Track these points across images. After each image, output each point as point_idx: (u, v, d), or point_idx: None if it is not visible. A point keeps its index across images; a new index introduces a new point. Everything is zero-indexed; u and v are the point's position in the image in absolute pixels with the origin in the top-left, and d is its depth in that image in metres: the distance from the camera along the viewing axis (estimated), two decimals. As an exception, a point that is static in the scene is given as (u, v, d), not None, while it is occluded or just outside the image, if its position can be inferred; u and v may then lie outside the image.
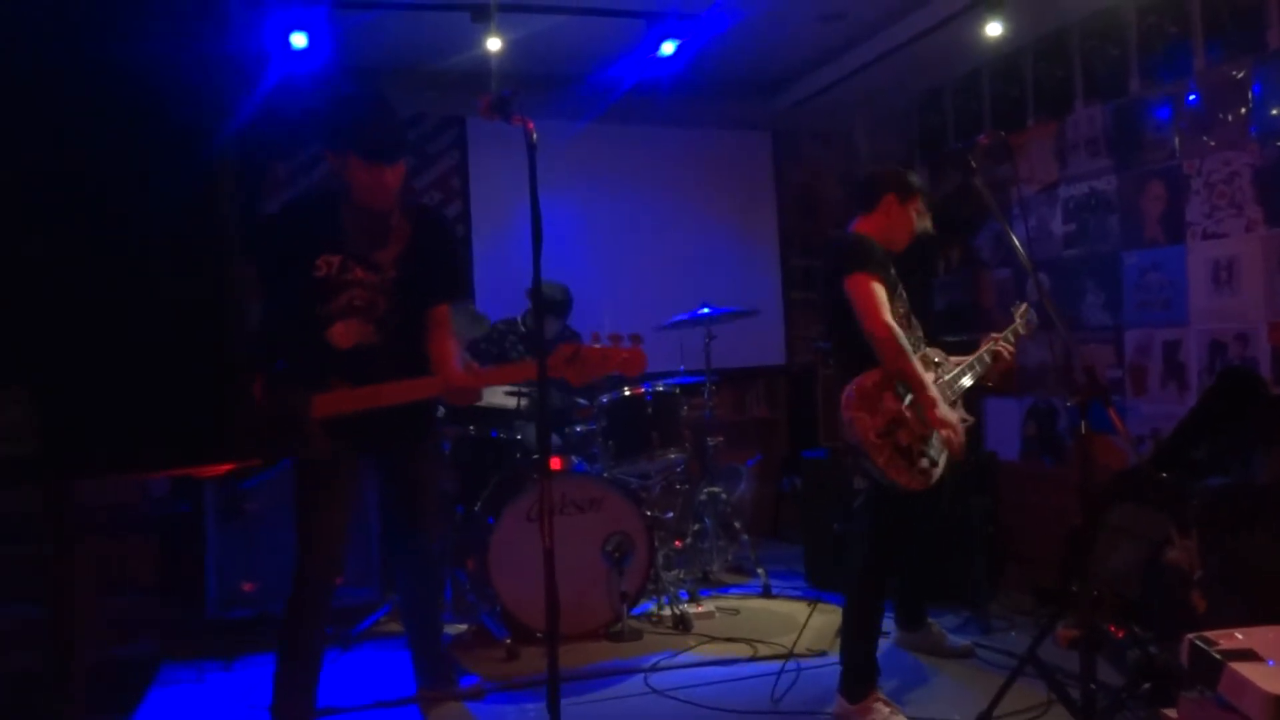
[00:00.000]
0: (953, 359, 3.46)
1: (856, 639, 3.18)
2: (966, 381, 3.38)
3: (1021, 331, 3.71)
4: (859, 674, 3.15)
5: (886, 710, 3.09)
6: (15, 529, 3.24)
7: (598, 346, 2.78)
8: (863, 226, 3.38)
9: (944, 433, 3.10)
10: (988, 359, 3.47)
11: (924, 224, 3.46)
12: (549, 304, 4.76)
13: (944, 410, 3.11)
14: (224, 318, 1.38)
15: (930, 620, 3.85)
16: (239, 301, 1.43)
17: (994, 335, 3.58)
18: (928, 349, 3.36)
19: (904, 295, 3.33)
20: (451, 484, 4.52)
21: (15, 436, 1.21)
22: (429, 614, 3.33)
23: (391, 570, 4.30)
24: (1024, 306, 3.78)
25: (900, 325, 3.25)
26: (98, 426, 1.27)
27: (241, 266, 1.46)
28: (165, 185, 1.34)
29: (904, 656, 3.78)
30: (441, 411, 4.45)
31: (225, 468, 1.31)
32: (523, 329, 4.97)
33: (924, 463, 3.11)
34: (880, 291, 3.12)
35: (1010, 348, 3.56)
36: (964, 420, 3.26)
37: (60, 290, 1.29)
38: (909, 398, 3.11)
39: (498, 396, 4.50)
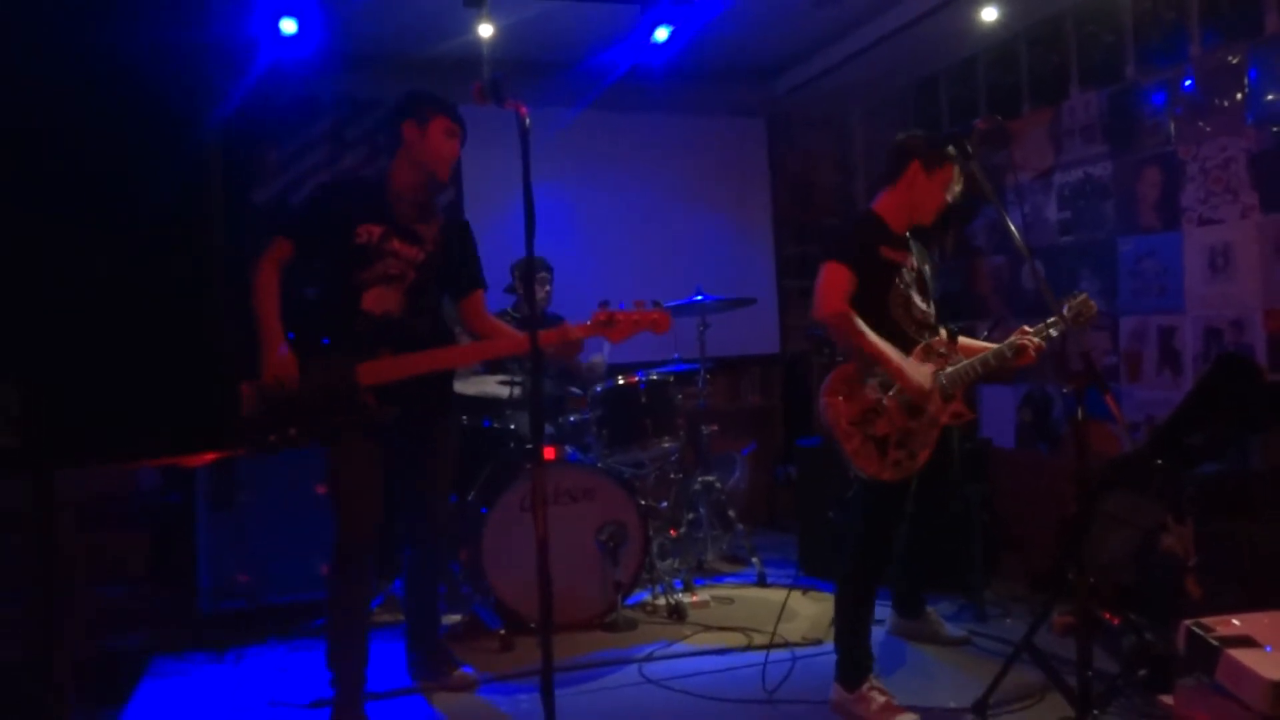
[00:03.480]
0: (965, 342, 3.39)
1: (850, 628, 3.18)
2: (991, 362, 3.24)
3: (1064, 327, 3.26)
4: (854, 662, 3.14)
5: (882, 698, 3.08)
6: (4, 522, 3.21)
7: (628, 309, 3.09)
8: (882, 203, 3.32)
9: (920, 401, 3.08)
10: (1009, 353, 3.29)
11: (955, 191, 3.36)
12: (538, 264, 4.84)
13: (915, 377, 3.08)
14: (210, 306, 1.35)
15: (928, 608, 3.84)
16: (225, 290, 1.41)
17: (1025, 328, 3.36)
18: (935, 337, 3.29)
19: (911, 278, 3.27)
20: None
21: (-4, 427, 1.19)
22: (430, 601, 3.43)
23: (387, 560, 4.30)
24: (1082, 296, 3.37)
25: (897, 310, 3.21)
26: (80, 416, 1.25)
27: (228, 254, 1.43)
28: (151, 174, 1.32)
29: (900, 644, 3.78)
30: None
31: (210, 457, 1.29)
32: (515, 315, 4.95)
33: (898, 455, 3.08)
34: (842, 279, 3.09)
35: (1039, 343, 3.31)
36: (960, 416, 3.22)
37: (45, 279, 1.27)
38: (893, 389, 3.09)
39: (490, 385, 4.47)
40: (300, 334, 3.03)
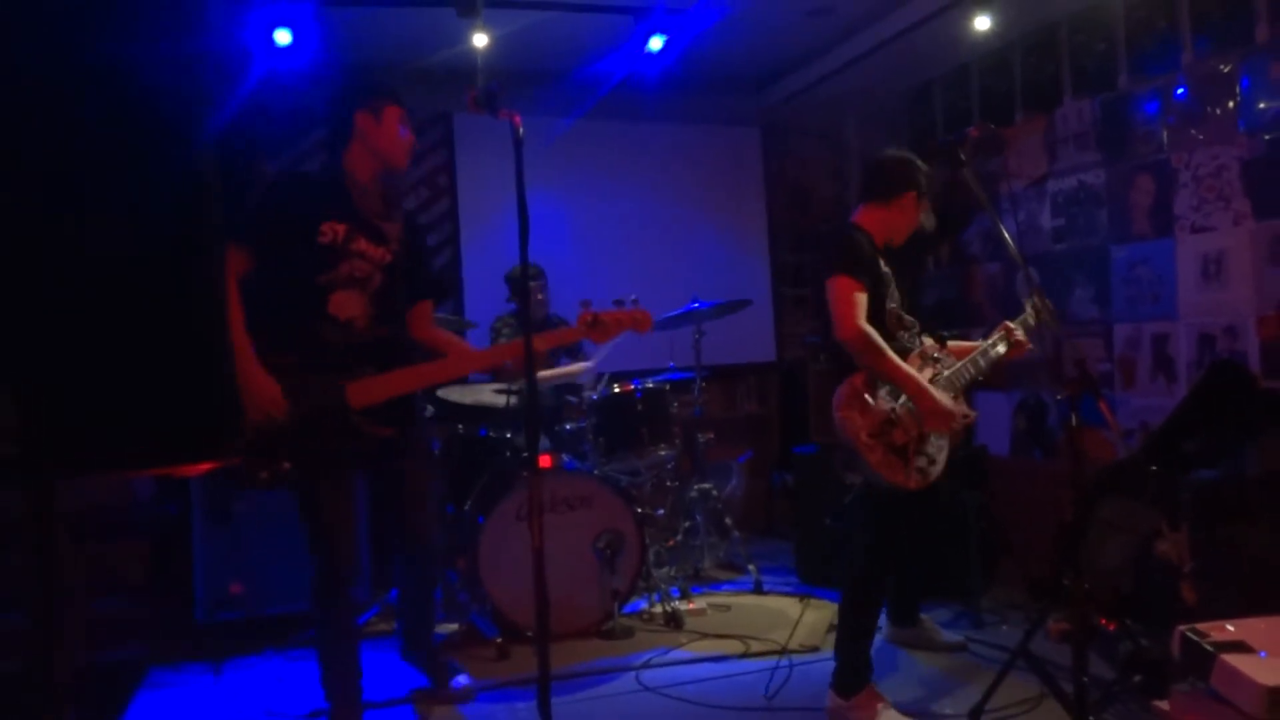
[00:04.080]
0: (955, 344, 3.39)
1: (852, 637, 3.16)
2: (980, 362, 3.27)
3: (1031, 322, 3.42)
4: (853, 670, 3.14)
5: (879, 705, 3.08)
6: (5, 535, 3.21)
7: (611, 310, 3.04)
8: (866, 217, 3.27)
9: (941, 426, 3.06)
10: (992, 351, 3.31)
11: (928, 220, 3.38)
12: (533, 272, 4.85)
13: (939, 400, 3.05)
14: (208, 315, 1.36)
15: (923, 616, 3.85)
16: (223, 299, 1.41)
17: (1008, 323, 3.40)
18: (926, 343, 3.27)
19: (897, 291, 3.26)
20: (441, 483, 4.50)
21: (-7, 437, 1.19)
22: (424, 612, 3.36)
23: (382, 571, 4.29)
24: (1035, 294, 3.42)
25: (891, 321, 3.21)
26: (79, 426, 1.25)
27: (224, 264, 1.44)
28: (148, 184, 1.32)
29: (896, 652, 3.77)
30: (430, 411, 4.43)
31: (208, 466, 1.29)
32: (514, 321, 4.96)
33: (921, 461, 3.06)
34: (858, 296, 3.07)
35: (1020, 336, 3.37)
36: (965, 416, 3.21)
37: (41, 288, 1.27)
38: (904, 397, 3.08)
39: (486, 395, 4.48)
40: (260, 348, 2.82)
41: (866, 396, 3.05)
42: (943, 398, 3.08)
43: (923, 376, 3.13)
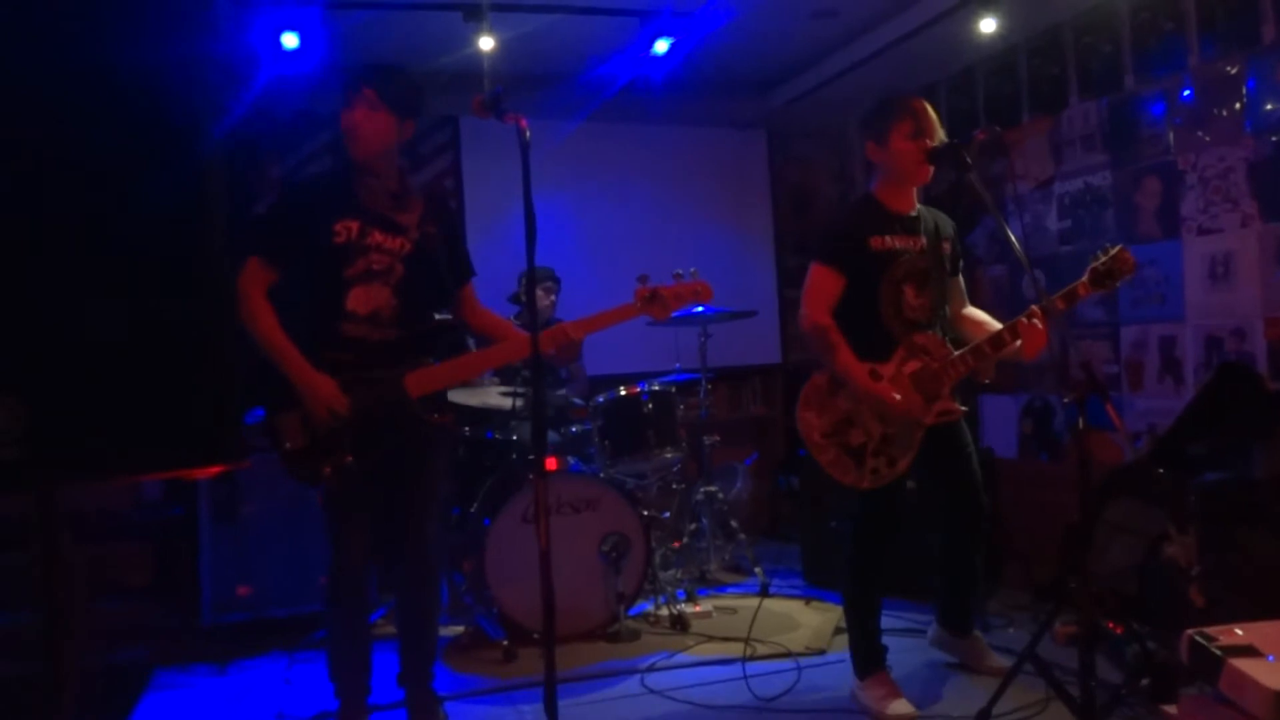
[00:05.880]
0: (977, 314, 3.43)
1: (857, 627, 3.28)
2: (986, 350, 3.12)
3: (1085, 291, 3.04)
4: (863, 656, 3.26)
5: (883, 689, 3.17)
6: (7, 536, 3.22)
7: (670, 285, 2.94)
8: (876, 185, 3.32)
9: (875, 404, 3.05)
10: (1024, 319, 3.07)
11: (938, 135, 3.24)
12: (545, 274, 5.01)
13: (881, 393, 3.03)
14: (212, 319, 1.36)
15: (976, 632, 3.58)
16: (227, 303, 1.41)
17: (1034, 307, 3.09)
18: (916, 338, 3.17)
19: (910, 267, 3.17)
20: (448, 485, 4.50)
21: (1, 441, 1.19)
22: (420, 632, 3.16)
23: (387, 573, 4.28)
24: (1116, 249, 3.05)
25: (886, 307, 3.15)
26: (84, 430, 1.25)
27: (230, 268, 1.44)
28: (153, 188, 1.33)
29: (908, 654, 3.73)
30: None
31: (214, 470, 1.29)
32: (518, 324, 4.96)
33: (878, 462, 3.08)
34: (828, 287, 3.10)
35: (1035, 323, 3.05)
36: (947, 414, 3.17)
37: (47, 294, 1.27)
38: None
39: (492, 397, 4.48)
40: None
41: (826, 395, 3.09)
42: (888, 390, 3.04)
43: (905, 369, 3.12)
